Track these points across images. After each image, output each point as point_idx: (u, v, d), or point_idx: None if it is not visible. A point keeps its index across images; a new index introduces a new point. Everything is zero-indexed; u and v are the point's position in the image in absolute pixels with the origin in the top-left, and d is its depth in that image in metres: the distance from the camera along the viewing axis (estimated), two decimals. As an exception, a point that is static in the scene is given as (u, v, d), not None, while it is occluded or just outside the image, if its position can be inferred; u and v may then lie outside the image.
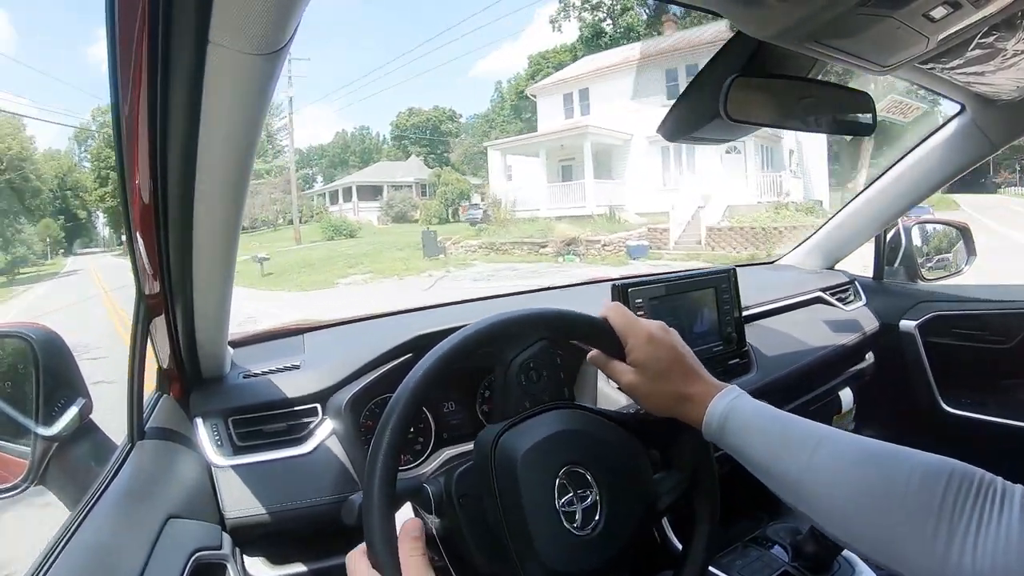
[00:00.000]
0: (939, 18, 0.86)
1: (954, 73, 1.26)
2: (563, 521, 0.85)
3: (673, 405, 0.93)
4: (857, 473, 0.77)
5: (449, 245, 24.38)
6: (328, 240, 35.39)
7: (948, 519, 0.67)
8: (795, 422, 0.86)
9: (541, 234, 23.20)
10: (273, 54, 0.63)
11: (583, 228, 22.68)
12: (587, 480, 0.88)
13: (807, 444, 0.82)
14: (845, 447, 0.80)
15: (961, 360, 2.19)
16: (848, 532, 0.76)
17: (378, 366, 1.36)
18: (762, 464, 0.85)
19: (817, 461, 0.80)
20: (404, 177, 49.96)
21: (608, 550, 0.87)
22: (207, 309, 1.10)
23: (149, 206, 0.82)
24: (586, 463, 0.89)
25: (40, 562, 0.81)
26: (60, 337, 1.13)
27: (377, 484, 0.77)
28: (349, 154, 71.15)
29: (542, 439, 0.88)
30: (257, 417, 1.28)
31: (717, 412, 0.89)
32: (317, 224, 42.11)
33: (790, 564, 1.36)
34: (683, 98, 1.16)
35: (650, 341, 0.95)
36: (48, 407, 1.08)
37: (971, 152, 1.86)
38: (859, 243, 2.43)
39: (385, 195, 47.75)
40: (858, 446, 0.80)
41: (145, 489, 1.05)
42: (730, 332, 1.69)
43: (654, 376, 0.93)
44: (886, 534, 0.72)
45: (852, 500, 0.76)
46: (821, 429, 0.84)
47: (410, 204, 44.65)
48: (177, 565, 0.94)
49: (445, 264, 21.71)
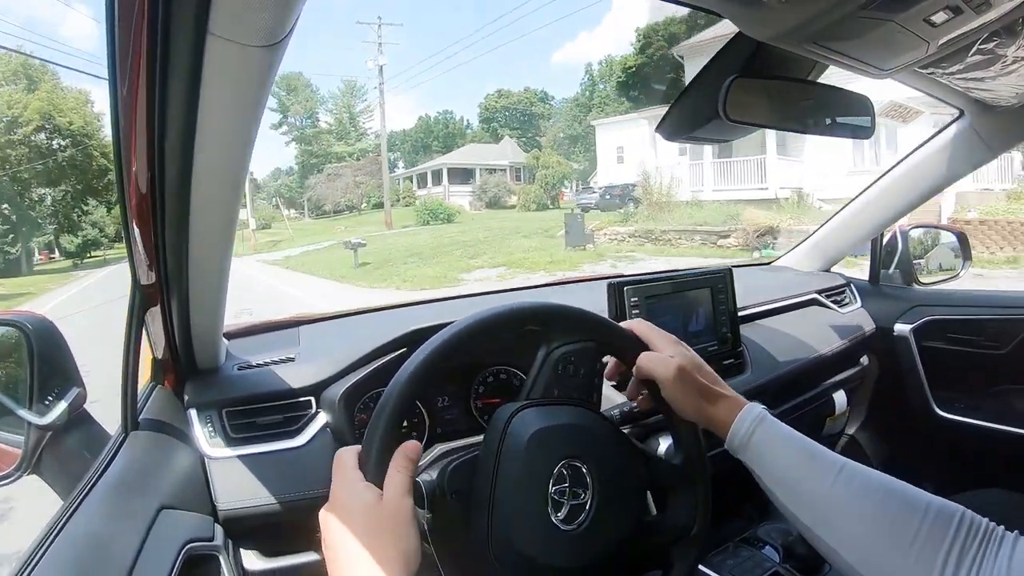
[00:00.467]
0: (940, 23, 0.86)
1: (954, 78, 1.26)
2: (550, 510, 0.86)
3: (707, 404, 0.96)
4: (877, 502, 0.80)
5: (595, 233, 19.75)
6: (424, 225, 33.46)
7: (956, 556, 0.72)
8: (819, 448, 0.89)
9: (715, 220, 18.11)
10: (273, 46, 0.62)
11: (769, 214, 17.26)
12: (584, 479, 0.89)
13: (831, 469, 0.85)
14: (866, 477, 0.84)
15: (955, 365, 2.19)
16: (859, 558, 0.79)
17: (373, 360, 1.36)
18: (784, 481, 0.88)
19: (839, 486, 0.83)
20: (498, 160, 48.73)
21: (585, 553, 0.87)
22: (203, 300, 1.10)
23: (146, 196, 0.81)
24: (588, 462, 0.90)
25: (32, 551, 0.81)
26: (55, 326, 1.13)
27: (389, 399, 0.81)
28: (432, 139, 70.45)
29: (556, 425, 0.90)
30: (251, 409, 1.28)
31: (746, 423, 0.92)
32: (407, 208, 40.12)
33: (781, 565, 1.37)
34: (682, 98, 1.16)
35: (677, 343, 1.00)
36: (42, 396, 1.08)
37: (969, 158, 1.86)
38: (856, 246, 2.43)
39: (477, 179, 46.13)
40: (878, 478, 0.84)
41: (138, 480, 1.05)
42: (725, 332, 1.69)
43: (695, 367, 0.97)
44: (896, 565, 0.75)
45: (869, 527, 0.79)
46: (844, 460, 0.87)
47: (505, 188, 42.99)
48: (169, 556, 0.94)
49: (601, 256, 17.43)
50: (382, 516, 0.75)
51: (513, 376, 1.54)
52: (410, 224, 34.70)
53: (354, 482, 0.78)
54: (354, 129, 64.60)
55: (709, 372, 0.99)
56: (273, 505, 1.20)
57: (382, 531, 0.74)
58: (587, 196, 30.14)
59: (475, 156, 49.90)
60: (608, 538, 0.89)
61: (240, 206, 0.92)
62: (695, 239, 17.83)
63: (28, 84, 40.04)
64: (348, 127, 64.85)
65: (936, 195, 2.11)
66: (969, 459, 2.12)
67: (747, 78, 1.04)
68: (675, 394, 0.96)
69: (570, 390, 0.97)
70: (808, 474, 0.86)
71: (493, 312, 0.92)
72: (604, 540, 0.89)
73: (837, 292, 2.37)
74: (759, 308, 2.01)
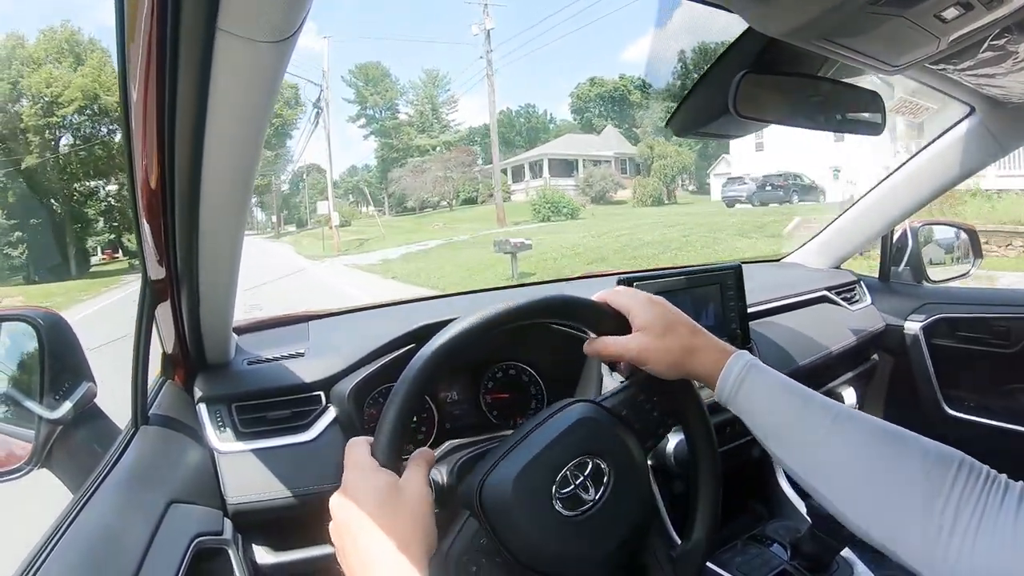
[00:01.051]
0: (950, 19, 0.86)
1: (965, 75, 1.26)
2: (556, 502, 0.86)
3: (684, 359, 0.92)
4: (873, 450, 0.78)
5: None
6: (544, 221, 29.41)
7: (956, 503, 0.69)
8: (812, 395, 0.86)
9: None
10: (282, 42, 0.62)
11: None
12: (601, 472, 0.89)
13: (826, 417, 0.83)
14: (862, 423, 0.81)
15: (965, 363, 2.18)
16: (854, 508, 0.78)
17: (382, 355, 1.37)
18: (776, 431, 0.86)
19: (834, 434, 0.81)
20: (601, 151, 44.34)
21: (591, 542, 0.87)
22: (213, 295, 1.11)
23: (156, 191, 0.82)
24: (604, 457, 0.90)
25: (43, 544, 0.82)
26: (66, 321, 1.14)
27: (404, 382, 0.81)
28: (514, 134, 64.65)
29: (569, 426, 0.91)
30: (261, 404, 1.28)
31: (733, 372, 0.89)
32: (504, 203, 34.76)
33: (789, 563, 1.36)
34: (693, 93, 1.17)
35: (651, 302, 0.96)
36: (53, 390, 1.09)
37: (980, 154, 1.85)
38: (866, 243, 2.42)
39: (580, 171, 42.01)
40: (875, 424, 0.81)
41: (148, 474, 1.05)
42: (735, 329, 1.68)
43: (662, 331, 0.93)
44: (893, 513, 0.73)
45: (865, 475, 0.77)
46: (838, 405, 0.84)
47: (612, 182, 38.71)
48: (178, 550, 0.94)
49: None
50: (400, 499, 0.75)
51: (522, 372, 1.54)
52: (523, 221, 30.35)
53: (369, 468, 0.77)
54: (437, 121, 59.93)
55: (686, 324, 0.95)
56: (282, 499, 1.21)
57: (401, 513, 0.74)
58: (736, 188, 26.83)
59: (576, 146, 45.42)
60: (614, 529, 0.89)
61: (250, 202, 0.92)
62: (1015, 244, 11.75)
63: (74, 62, 35.92)
64: (431, 119, 60.14)
65: (940, 194, 2.09)
66: (978, 458, 2.11)
67: (757, 74, 1.04)
68: (654, 362, 0.93)
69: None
70: (801, 422, 0.84)
71: (495, 310, 0.91)
72: (611, 531, 0.89)
73: (847, 289, 2.36)
74: (769, 305, 2.00)
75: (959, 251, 2.46)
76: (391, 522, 0.72)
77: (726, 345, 0.94)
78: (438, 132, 59.54)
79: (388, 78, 61.37)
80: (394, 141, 58.88)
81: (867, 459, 0.78)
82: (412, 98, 61.94)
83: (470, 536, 0.84)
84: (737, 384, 0.89)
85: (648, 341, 0.93)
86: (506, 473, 0.86)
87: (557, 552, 0.84)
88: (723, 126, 1.17)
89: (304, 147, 71.36)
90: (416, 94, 61.82)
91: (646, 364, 0.94)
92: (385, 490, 0.75)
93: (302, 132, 54.96)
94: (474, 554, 0.83)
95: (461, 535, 0.84)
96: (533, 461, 0.87)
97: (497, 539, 0.83)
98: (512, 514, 0.84)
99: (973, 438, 2.12)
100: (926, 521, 0.70)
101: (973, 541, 0.66)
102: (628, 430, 0.96)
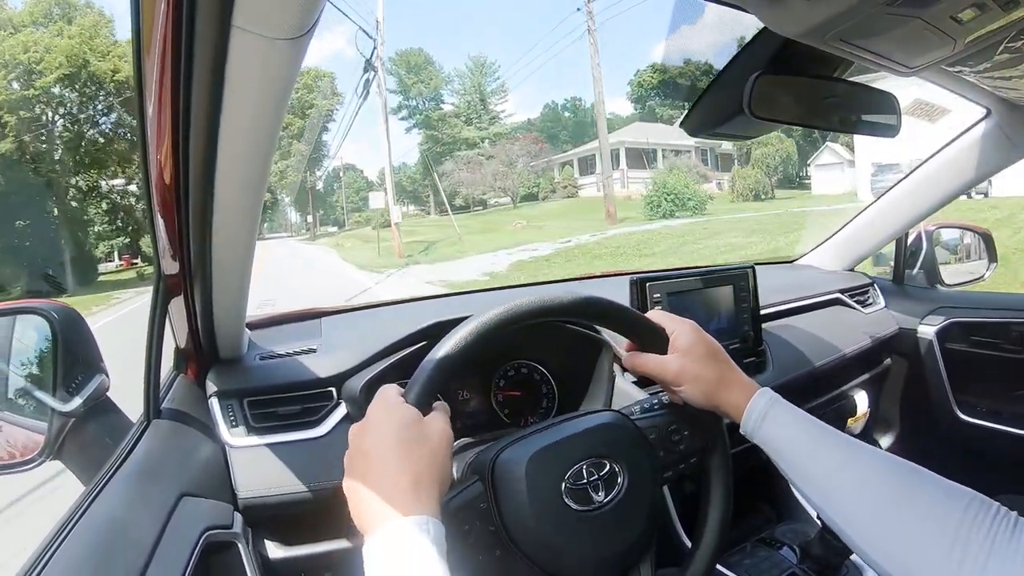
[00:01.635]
0: (966, 20, 0.85)
1: (981, 77, 1.25)
2: (566, 498, 0.87)
3: (716, 389, 0.95)
4: (885, 483, 0.80)
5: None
6: (667, 218, 25.02)
7: (964, 541, 0.70)
8: (829, 429, 0.89)
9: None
10: (298, 39, 0.63)
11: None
12: (615, 478, 0.90)
13: (840, 449, 0.86)
14: (875, 458, 0.84)
15: (978, 368, 2.17)
16: (866, 539, 0.79)
17: (394, 352, 1.37)
18: (796, 461, 0.88)
19: (849, 466, 0.84)
20: (681, 139, 39.23)
21: (602, 541, 0.88)
22: (226, 290, 1.11)
23: (170, 186, 0.82)
24: (623, 465, 0.91)
25: (54, 535, 0.82)
26: (79, 314, 1.15)
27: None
28: (560, 128, 60.42)
29: (588, 429, 0.93)
30: (272, 399, 1.29)
31: (759, 406, 0.92)
32: (569, 200, 33.25)
33: (798, 566, 1.36)
34: (707, 93, 1.16)
35: (695, 328, 0.99)
36: (66, 383, 1.10)
37: (996, 157, 1.83)
38: (880, 245, 2.41)
39: (660, 161, 38.29)
40: (888, 459, 0.84)
41: (159, 467, 1.06)
42: (747, 330, 1.68)
43: (701, 358, 0.96)
44: (903, 547, 0.75)
45: (877, 507, 0.79)
46: (853, 439, 0.87)
47: (697, 174, 35.07)
48: (189, 542, 0.95)
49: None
50: (423, 432, 0.76)
51: (533, 371, 1.54)
52: (629, 219, 25.78)
53: (397, 404, 0.79)
54: (485, 112, 54.90)
55: (725, 358, 0.98)
56: (293, 494, 1.21)
57: (423, 446, 0.75)
58: (889, 180, 22.17)
59: (651, 135, 40.32)
60: (612, 538, 0.89)
61: (264, 198, 0.92)
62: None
63: (62, 27, 29.83)
64: (479, 110, 55.10)
65: (955, 197, 2.07)
66: (991, 464, 2.10)
67: (772, 75, 1.04)
68: (688, 387, 0.96)
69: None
70: (817, 455, 0.87)
71: (550, 297, 0.93)
72: (608, 539, 0.89)
73: (860, 292, 2.35)
74: (782, 307, 2.00)
75: (974, 254, 2.44)
76: (412, 452, 0.74)
77: (752, 381, 0.97)
78: (487, 124, 55.21)
79: (431, 65, 57.33)
80: (439, 133, 54.83)
81: (880, 494, 0.80)
82: (458, 87, 57.55)
83: (472, 497, 0.85)
84: (760, 418, 0.91)
85: (687, 365, 0.96)
86: (524, 451, 0.88)
87: (548, 539, 0.85)
88: (738, 127, 1.17)
89: (343, 138, 67.83)
90: (462, 83, 57.19)
91: (680, 386, 0.97)
92: (410, 422, 0.76)
93: (339, 124, 52.57)
94: (470, 515, 0.84)
95: (463, 494, 0.85)
96: (553, 446, 0.89)
97: (497, 510, 0.85)
98: (519, 490, 0.85)
99: (985, 443, 2.11)
100: (938, 556, 0.71)
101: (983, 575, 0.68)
102: (652, 453, 0.97)
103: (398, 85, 55.44)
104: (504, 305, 0.88)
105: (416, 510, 0.68)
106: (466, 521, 0.83)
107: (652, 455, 0.96)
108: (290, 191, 54.59)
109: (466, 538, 0.82)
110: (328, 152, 56.67)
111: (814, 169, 33.88)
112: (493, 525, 0.84)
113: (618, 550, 0.89)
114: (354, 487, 0.74)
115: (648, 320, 1.00)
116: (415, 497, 0.70)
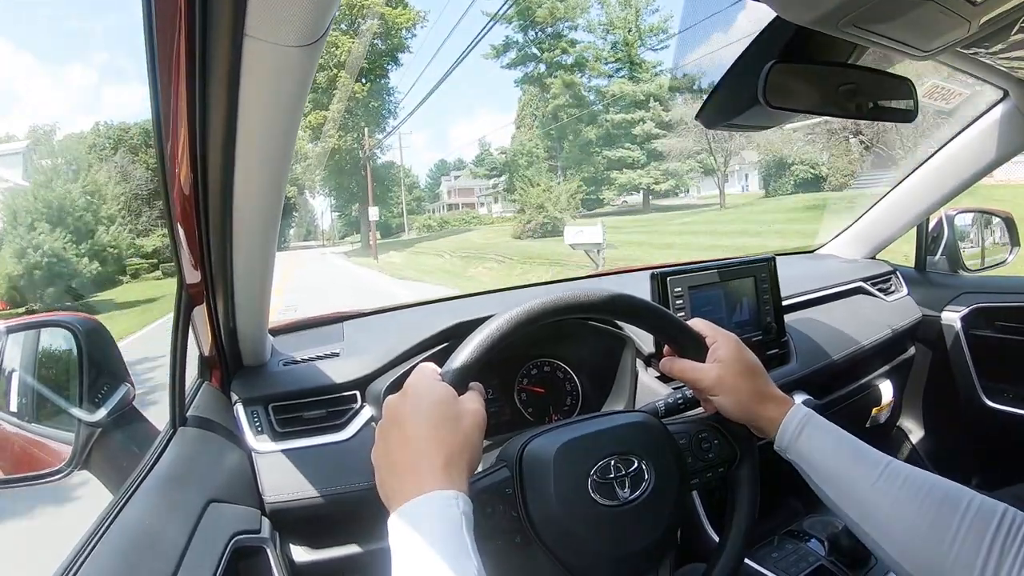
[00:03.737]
0: (980, 1, 0.85)
1: (997, 58, 1.23)
2: (592, 476, 0.87)
3: (752, 402, 0.96)
4: (919, 500, 0.81)
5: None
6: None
7: (997, 555, 0.72)
8: (864, 446, 0.90)
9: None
10: (310, 46, 0.63)
11: None
12: (642, 476, 0.90)
13: (876, 467, 0.86)
14: (910, 474, 0.85)
15: (1003, 354, 2.14)
16: (902, 554, 0.81)
17: (417, 353, 1.37)
18: (830, 479, 0.89)
19: (883, 483, 0.84)
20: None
21: (604, 537, 0.87)
22: (247, 298, 1.12)
23: (190, 196, 0.83)
24: (651, 464, 0.91)
25: (83, 543, 0.83)
26: (104, 326, 1.16)
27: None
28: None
29: (607, 428, 0.94)
30: (297, 404, 1.30)
31: (794, 422, 0.93)
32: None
33: (826, 558, 1.35)
34: (721, 84, 1.15)
35: (736, 342, 1.00)
36: (92, 394, 1.11)
37: (1014, 139, 1.81)
38: (901, 232, 2.38)
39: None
40: (922, 475, 0.84)
41: (186, 474, 1.07)
42: (769, 322, 1.67)
43: (740, 372, 0.97)
44: (937, 561, 0.76)
45: (911, 523, 0.80)
46: (887, 456, 0.88)
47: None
48: (217, 548, 0.95)
49: None
50: (459, 410, 0.77)
51: (556, 368, 1.54)
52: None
53: (434, 378, 0.80)
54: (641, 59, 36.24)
55: (763, 373, 0.99)
56: (319, 498, 1.22)
57: (458, 423, 0.76)
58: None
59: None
60: (632, 535, 0.89)
61: (282, 205, 0.92)
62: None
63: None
64: (633, 54, 36.93)
65: (974, 182, 2.04)
66: (1016, 450, 2.07)
67: (786, 63, 1.03)
68: (724, 398, 0.96)
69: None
70: (853, 472, 0.87)
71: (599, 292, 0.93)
72: (628, 535, 0.89)
73: (883, 280, 2.33)
74: (804, 297, 1.98)
75: (996, 238, 2.42)
76: (447, 430, 0.74)
77: (787, 396, 0.98)
78: (649, 77, 36.62)
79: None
80: (575, 89, 37.20)
81: (912, 511, 0.81)
82: (600, 17, 38.53)
83: (497, 481, 0.86)
84: (796, 433, 0.92)
85: (725, 375, 0.96)
86: (553, 440, 0.89)
87: (570, 530, 0.85)
88: (753, 117, 1.16)
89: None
90: (607, 10, 38.15)
91: (716, 396, 0.97)
92: (447, 398, 0.77)
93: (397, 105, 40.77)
94: (494, 499, 0.85)
95: (490, 477, 0.87)
96: (582, 439, 0.90)
97: (523, 497, 0.85)
98: (545, 479, 0.86)
99: (1013, 431, 2.08)
100: (967, 571, 0.73)
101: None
102: (682, 457, 0.97)
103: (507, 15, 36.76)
104: (546, 296, 0.89)
105: (447, 485, 0.69)
106: (489, 504, 0.83)
107: (682, 459, 0.96)
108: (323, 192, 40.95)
109: (487, 521, 0.82)
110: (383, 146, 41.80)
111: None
112: (516, 511, 0.85)
113: (637, 549, 0.89)
114: (385, 457, 0.75)
115: (691, 328, 1.01)
116: (446, 474, 0.70)
